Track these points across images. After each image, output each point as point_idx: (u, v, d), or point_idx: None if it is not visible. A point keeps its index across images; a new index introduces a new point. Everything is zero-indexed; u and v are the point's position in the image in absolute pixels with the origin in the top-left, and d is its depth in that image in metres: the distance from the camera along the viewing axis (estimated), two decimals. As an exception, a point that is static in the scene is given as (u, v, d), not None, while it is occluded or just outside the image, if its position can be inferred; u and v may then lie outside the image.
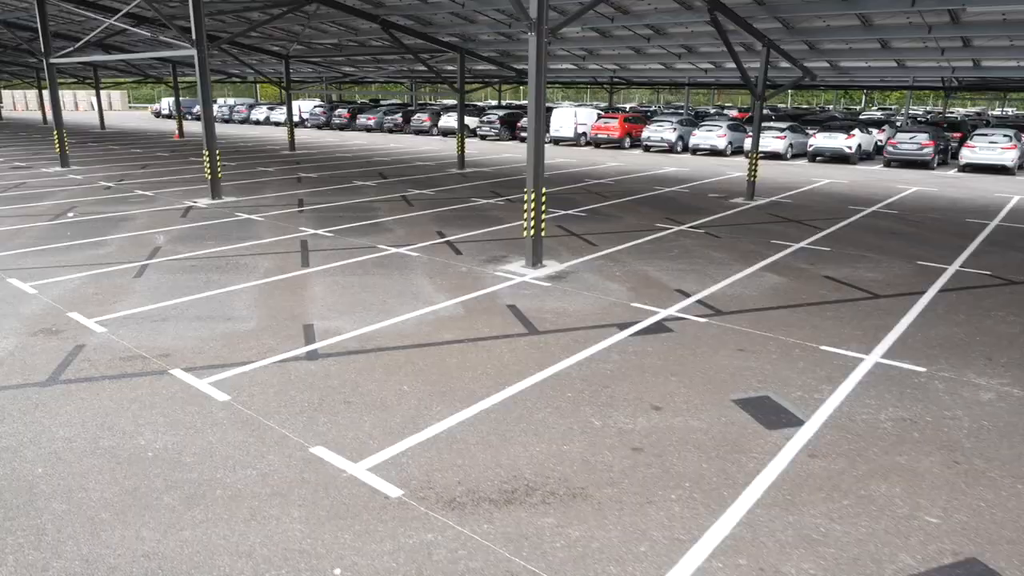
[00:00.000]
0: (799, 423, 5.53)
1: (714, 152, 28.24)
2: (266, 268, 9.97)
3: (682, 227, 13.31)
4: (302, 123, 45.64)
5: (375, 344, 7.10)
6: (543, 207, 9.88)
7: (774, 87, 15.43)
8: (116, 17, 17.67)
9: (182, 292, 8.78)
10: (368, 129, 42.73)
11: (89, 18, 27.83)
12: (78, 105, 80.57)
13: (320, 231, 12.56)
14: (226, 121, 53.93)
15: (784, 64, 16.83)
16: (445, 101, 69.42)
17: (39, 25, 20.26)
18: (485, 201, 16.16)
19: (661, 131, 29.09)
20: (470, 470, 4.81)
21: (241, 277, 9.49)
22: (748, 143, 27.15)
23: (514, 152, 29.62)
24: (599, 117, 32.71)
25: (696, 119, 32.84)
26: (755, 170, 15.93)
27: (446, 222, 13.57)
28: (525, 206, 9.88)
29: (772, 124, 27.78)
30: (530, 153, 9.68)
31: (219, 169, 15.55)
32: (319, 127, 45.03)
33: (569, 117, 32.12)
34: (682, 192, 18.07)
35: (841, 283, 9.53)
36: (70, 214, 13.99)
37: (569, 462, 4.92)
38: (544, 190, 9.86)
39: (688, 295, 8.87)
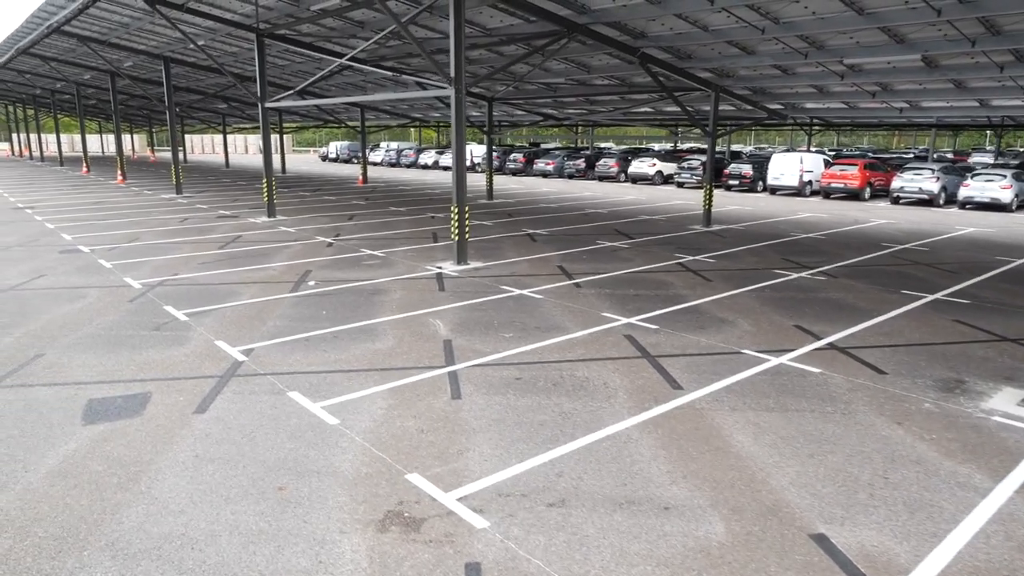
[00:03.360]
0: None
1: (993, 206, 23.28)
2: (626, 389, 6.99)
3: None
4: (473, 168, 44.19)
5: (1007, 612, 3.80)
6: None
7: None
8: (347, 57, 15.94)
9: (541, 437, 5.90)
10: (545, 175, 40.52)
11: (292, 62, 27.29)
12: (248, 148, 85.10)
13: (633, 320, 9.55)
14: (392, 165, 53.88)
15: None
16: (603, 144, 66.80)
17: (257, 71, 19.23)
18: (796, 275, 12.70)
19: (919, 180, 24.52)
20: None
21: (603, 408, 6.54)
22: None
23: (738, 204, 26.01)
24: (827, 164, 28.57)
25: (951, 165, 27.79)
26: None
27: (783, 309, 10.22)
28: (1040, 316, 6.38)
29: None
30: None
31: (467, 230, 13.09)
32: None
33: (793, 163, 28.16)
34: (1043, 266, 13.83)
35: None
36: (310, 282, 11.85)
37: None
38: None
39: None
